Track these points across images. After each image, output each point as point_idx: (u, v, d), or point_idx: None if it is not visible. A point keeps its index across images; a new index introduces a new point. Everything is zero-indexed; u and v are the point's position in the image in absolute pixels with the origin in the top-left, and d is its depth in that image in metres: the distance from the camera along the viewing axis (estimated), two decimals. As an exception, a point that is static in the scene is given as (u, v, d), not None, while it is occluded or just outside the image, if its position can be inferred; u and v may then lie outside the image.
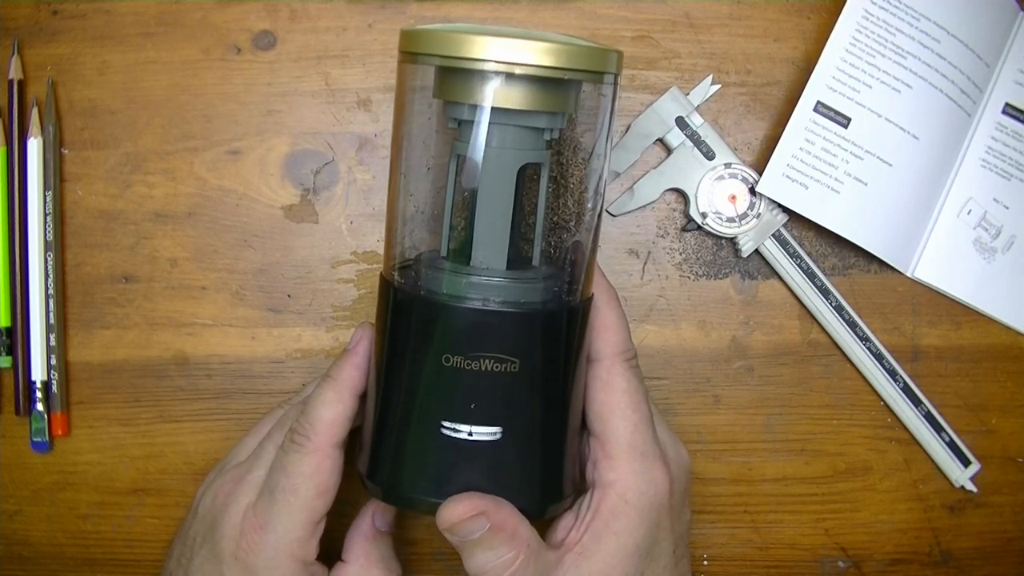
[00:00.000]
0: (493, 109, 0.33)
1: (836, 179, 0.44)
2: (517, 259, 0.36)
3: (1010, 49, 0.46)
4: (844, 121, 0.44)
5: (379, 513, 0.39)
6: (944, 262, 0.46)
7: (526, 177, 0.36)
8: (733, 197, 0.45)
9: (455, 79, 0.33)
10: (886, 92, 0.44)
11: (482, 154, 0.33)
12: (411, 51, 0.34)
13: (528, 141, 0.34)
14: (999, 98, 0.46)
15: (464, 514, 0.33)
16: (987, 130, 0.46)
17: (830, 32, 0.44)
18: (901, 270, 0.46)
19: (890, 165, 0.45)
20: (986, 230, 0.46)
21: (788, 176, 0.44)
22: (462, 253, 0.35)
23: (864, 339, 0.46)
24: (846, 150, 0.44)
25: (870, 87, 0.44)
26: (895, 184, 0.45)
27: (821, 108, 0.44)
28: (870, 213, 0.45)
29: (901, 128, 0.44)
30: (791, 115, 0.44)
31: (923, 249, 0.46)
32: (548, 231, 0.40)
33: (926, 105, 0.45)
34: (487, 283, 0.34)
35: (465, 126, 0.34)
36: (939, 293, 0.46)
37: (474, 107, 0.33)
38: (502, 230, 0.35)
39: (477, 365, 0.33)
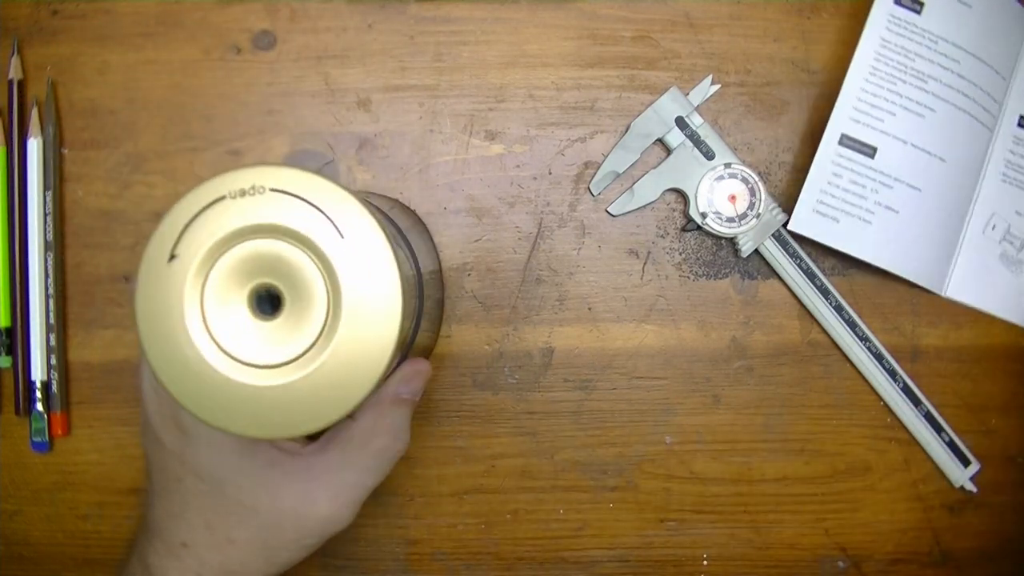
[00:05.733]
0: None
1: (867, 210, 0.44)
2: None
3: (1020, 60, 0.46)
4: (870, 151, 0.44)
5: (405, 381, 0.38)
6: (974, 279, 0.46)
7: None
8: (733, 197, 0.45)
9: None
10: (910, 118, 0.44)
11: None
12: None
13: None
14: (1014, 110, 0.47)
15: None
16: (1005, 143, 0.46)
17: (849, 62, 0.44)
18: (935, 291, 0.46)
19: (919, 190, 0.45)
20: (1011, 243, 0.46)
21: (819, 211, 0.44)
22: None
23: (864, 339, 0.46)
24: (875, 180, 0.44)
25: (894, 115, 0.44)
26: (924, 208, 0.45)
27: (846, 141, 0.44)
28: (903, 240, 0.45)
29: (928, 152, 0.44)
30: (816, 150, 0.44)
31: (954, 268, 0.46)
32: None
33: (950, 126, 0.45)
34: None
35: None
36: (974, 310, 0.47)
37: None
38: None
39: None
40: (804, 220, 0.44)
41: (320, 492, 0.36)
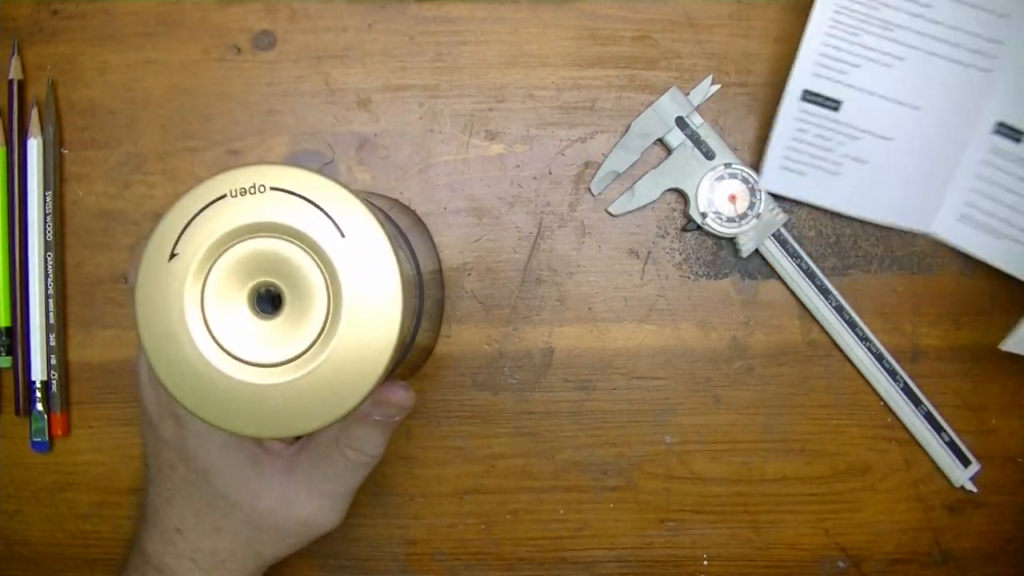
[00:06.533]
0: None
1: (834, 163, 0.44)
2: None
3: None
4: (834, 105, 0.44)
5: (377, 403, 0.36)
6: (961, 223, 0.45)
7: None
8: (733, 197, 0.45)
9: None
10: (876, 69, 0.44)
11: None
12: None
13: None
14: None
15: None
16: (1014, 83, 0.44)
17: (807, 18, 0.44)
18: (921, 229, 0.45)
19: (891, 139, 0.44)
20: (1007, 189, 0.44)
21: (786, 168, 0.45)
22: None
23: (864, 339, 0.46)
24: (840, 133, 0.44)
25: (858, 67, 0.44)
26: (898, 156, 0.44)
27: (809, 96, 0.44)
28: (875, 189, 0.45)
29: (897, 102, 0.44)
30: (779, 108, 0.44)
31: (940, 209, 0.45)
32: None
33: (923, 74, 0.44)
34: None
35: None
36: (957, 249, 0.46)
37: None
38: None
39: None
40: (772, 178, 0.45)
41: (297, 494, 0.37)
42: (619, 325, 0.46)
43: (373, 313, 0.29)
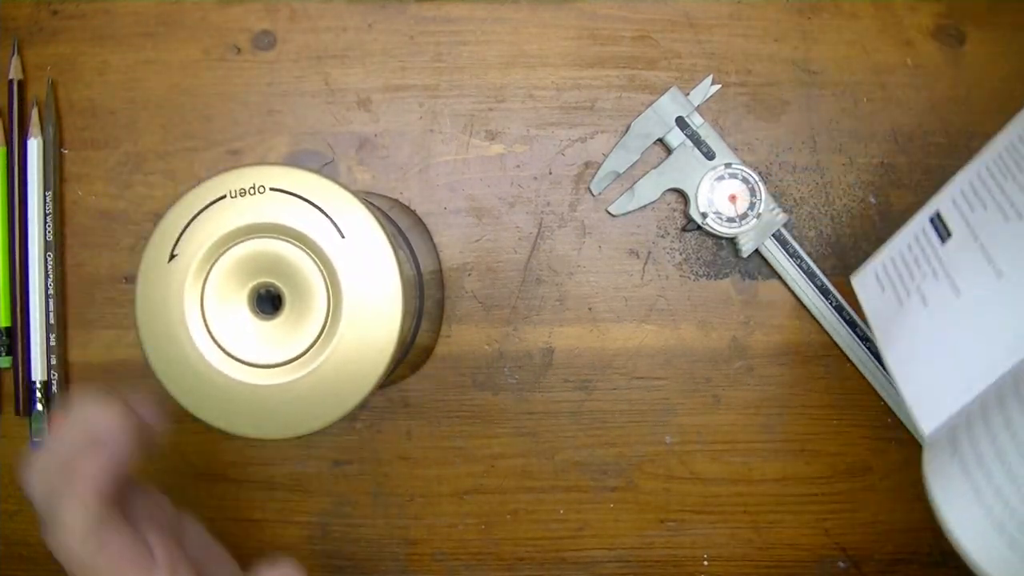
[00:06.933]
0: None
1: (907, 290, 0.39)
2: None
3: None
4: (946, 234, 0.39)
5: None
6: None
7: None
8: (733, 197, 0.45)
9: None
10: (995, 215, 0.37)
11: None
12: None
13: None
14: None
15: None
16: None
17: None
18: (917, 431, 0.36)
19: (958, 293, 0.37)
20: None
21: (876, 273, 0.41)
22: None
23: (864, 339, 0.46)
24: (930, 265, 0.39)
25: (984, 207, 0.37)
26: (951, 319, 0.36)
27: (936, 219, 0.40)
28: (916, 338, 0.38)
29: (988, 257, 0.36)
30: (911, 219, 0.41)
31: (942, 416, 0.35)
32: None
33: None
34: None
35: None
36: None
37: None
38: None
39: None
40: (861, 276, 0.42)
41: None
42: (619, 325, 0.46)
43: (373, 313, 0.29)
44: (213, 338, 0.29)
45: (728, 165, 0.45)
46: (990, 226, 0.36)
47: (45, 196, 0.45)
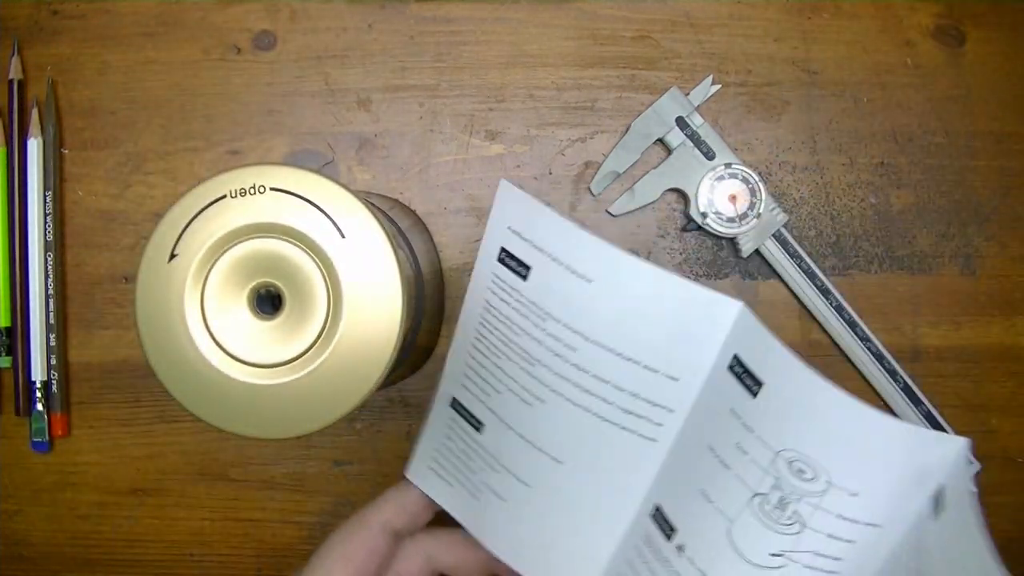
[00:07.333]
0: None
1: (475, 486, 0.36)
2: None
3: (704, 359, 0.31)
4: (477, 425, 0.35)
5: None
6: None
7: None
8: (733, 197, 0.45)
9: None
10: (515, 403, 0.34)
11: None
12: None
13: None
14: (700, 429, 0.31)
15: None
16: (689, 462, 0.31)
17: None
18: None
19: (529, 486, 0.34)
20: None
21: (434, 469, 0.37)
22: None
23: (864, 339, 0.46)
24: (481, 458, 0.36)
25: (500, 393, 0.34)
26: (537, 509, 0.34)
27: (457, 405, 0.36)
28: (514, 534, 0.35)
29: (538, 449, 0.34)
30: (432, 402, 0.38)
31: None
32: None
33: (565, 425, 0.33)
34: None
35: None
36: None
37: None
38: None
39: None
40: (420, 473, 0.38)
41: None
42: (619, 325, 0.46)
43: (373, 313, 0.29)
44: (213, 338, 0.29)
45: (728, 165, 0.45)
46: (514, 412, 0.34)
47: (45, 196, 0.45)
